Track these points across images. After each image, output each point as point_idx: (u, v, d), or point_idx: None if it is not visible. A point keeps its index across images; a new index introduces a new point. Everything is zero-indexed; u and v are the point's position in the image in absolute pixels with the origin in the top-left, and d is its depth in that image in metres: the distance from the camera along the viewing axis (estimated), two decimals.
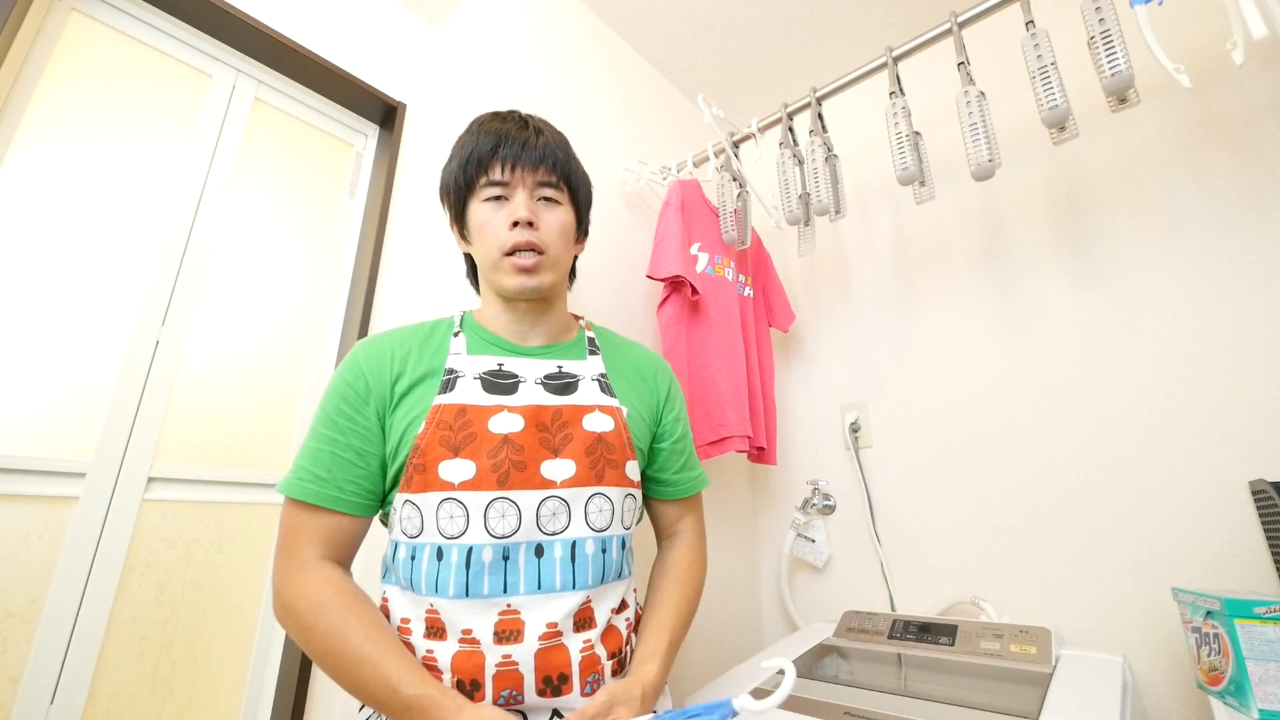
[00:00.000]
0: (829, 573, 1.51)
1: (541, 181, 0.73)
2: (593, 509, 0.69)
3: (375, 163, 1.49)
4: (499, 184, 0.72)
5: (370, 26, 1.49)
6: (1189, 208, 1.16)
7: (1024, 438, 1.27)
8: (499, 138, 0.72)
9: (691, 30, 1.65)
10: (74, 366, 1.01)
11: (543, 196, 0.74)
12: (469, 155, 0.73)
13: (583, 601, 0.66)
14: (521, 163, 0.72)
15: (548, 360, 0.76)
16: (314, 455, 0.66)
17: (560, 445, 0.69)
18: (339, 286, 1.40)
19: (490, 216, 0.72)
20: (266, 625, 1.15)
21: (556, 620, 0.63)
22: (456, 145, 0.78)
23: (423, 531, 0.65)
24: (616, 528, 0.71)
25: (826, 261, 1.72)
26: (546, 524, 0.66)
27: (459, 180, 0.75)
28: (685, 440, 0.85)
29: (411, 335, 0.75)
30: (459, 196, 0.76)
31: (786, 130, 1.38)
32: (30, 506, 0.94)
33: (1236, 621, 0.73)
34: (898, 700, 0.83)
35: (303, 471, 0.65)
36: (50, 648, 0.91)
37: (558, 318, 0.80)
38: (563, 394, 0.73)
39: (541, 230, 0.72)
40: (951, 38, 1.14)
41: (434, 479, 0.64)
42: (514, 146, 0.72)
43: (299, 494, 0.64)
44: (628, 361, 0.83)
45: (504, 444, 0.66)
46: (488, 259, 0.74)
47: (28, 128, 1.02)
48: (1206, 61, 1.14)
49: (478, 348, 0.75)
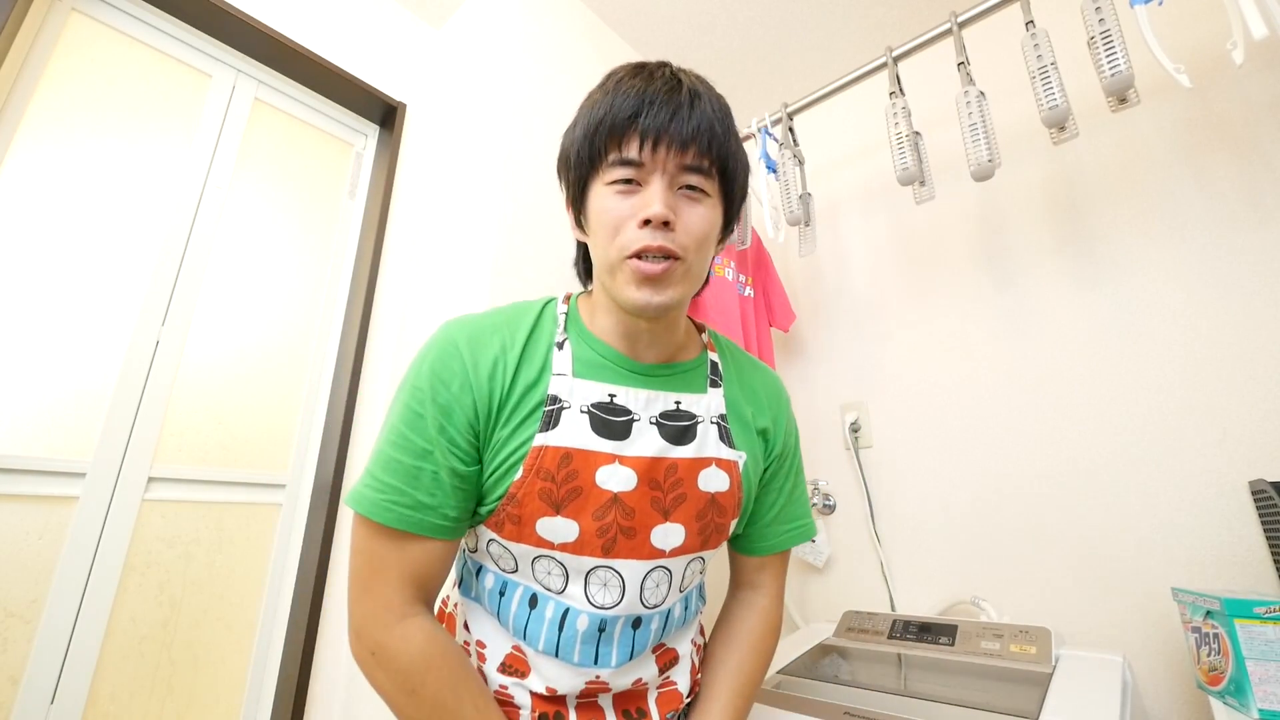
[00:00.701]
0: (829, 573, 1.51)
1: (689, 166, 0.55)
2: (689, 573, 0.63)
3: (375, 163, 1.49)
4: (632, 164, 0.55)
5: (370, 26, 1.49)
6: (1189, 208, 1.16)
7: (1024, 438, 1.27)
8: (641, 101, 0.55)
9: (691, 30, 1.65)
10: (74, 366, 1.01)
11: (686, 185, 0.56)
12: (599, 121, 0.56)
13: (665, 649, 0.64)
14: (666, 138, 0.54)
15: (665, 392, 0.62)
16: (397, 469, 0.54)
17: (671, 507, 0.59)
18: (339, 287, 1.40)
19: (615, 206, 0.56)
20: (266, 625, 1.15)
21: (643, 678, 0.62)
22: (584, 105, 0.60)
23: (517, 571, 0.59)
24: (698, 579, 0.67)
25: (826, 261, 1.72)
26: (649, 597, 0.59)
27: (582, 153, 0.58)
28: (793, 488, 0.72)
29: (515, 332, 0.61)
30: (580, 173, 0.59)
31: (787, 130, 1.38)
32: (30, 506, 0.94)
33: (1236, 621, 0.73)
34: (898, 700, 0.83)
35: (385, 488, 0.54)
36: (50, 648, 0.92)
37: (680, 330, 0.66)
38: (680, 442, 0.60)
39: (679, 232, 0.55)
40: (951, 38, 1.14)
41: (530, 533, 0.56)
42: (660, 115, 0.54)
43: (385, 517, 0.53)
44: (749, 392, 0.69)
45: (613, 504, 0.56)
46: (605, 260, 0.57)
47: (28, 128, 1.02)
48: (1206, 61, 1.14)
49: (586, 366, 0.61)
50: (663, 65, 0.59)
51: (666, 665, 0.64)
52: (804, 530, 0.72)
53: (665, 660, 0.64)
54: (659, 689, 0.63)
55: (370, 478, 0.55)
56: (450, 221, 1.31)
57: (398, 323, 1.36)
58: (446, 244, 1.30)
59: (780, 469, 0.70)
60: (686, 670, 0.66)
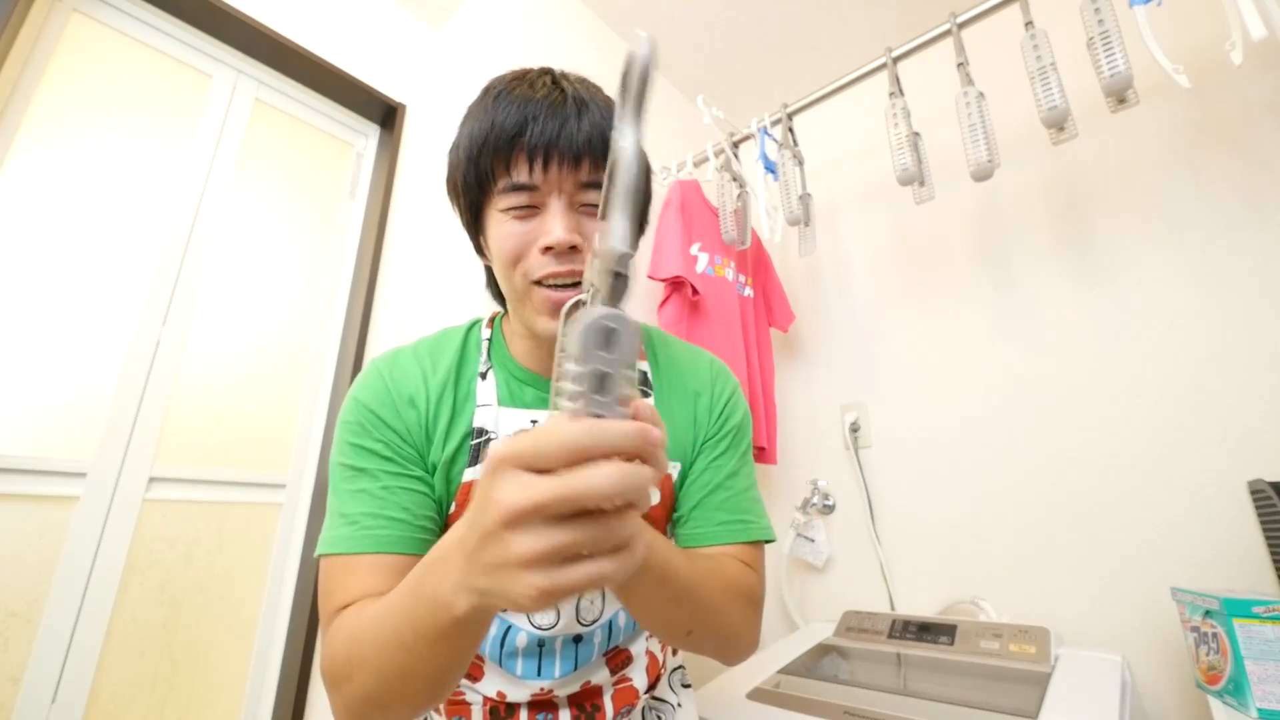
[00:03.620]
0: (829, 573, 1.51)
1: (586, 182, 0.51)
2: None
3: (375, 163, 1.50)
4: (525, 188, 0.51)
5: (370, 26, 1.49)
6: (1189, 208, 1.16)
7: (1024, 437, 1.27)
8: (523, 116, 0.50)
9: (691, 30, 1.65)
10: (74, 366, 1.01)
11: (588, 203, 0.52)
12: (482, 141, 0.51)
13: (617, 651, 0.62)
14: (557, 154, 0.50)
15: None
16: (362, 499, 0.51)
17: None
18: (339, 287, 1.40)
19: (514, 232, 0.52)
20: (266, 625, 1.15)
21: (592, 680, 0.60)
22: (464, 122, 0.55)
23: None
24: None
25: (826, 261, 1.72)
26: (585, 614, 0.58)
27: (469, 177, 0.53)
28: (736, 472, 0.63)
29: (438, 361, 0.59)
30: (471, 199, 0.55)
31: (786, 131, 1.38)
32: (31, 506, 0.94)
33: (1235, 621, 0.73)
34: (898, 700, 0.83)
35: (355, 518, 0.51)
36: (51, 647, 0.92)
37: None
38: None
39: (585, 254, 0.51)
40: (951, 38, 1.15)
41: None
42: (546, 128, 0.49)
43: (364, 545, 0.49)
44: (682, 383, 0.64)
45: None
46: (512, 288, 0.54)
47: (29, 128, 1.03)
48: (1206, 61, 1.14)
49: (510, 394, 0.59)
50: (545, 72, 0.55)
51: (620, 666, 0.63)
52: (752, 527, 0.60)
53: (618, 662, 0.63)
54: (614, 686, 0.63)
55: (336, 518, 0.52)
56: (450, 222, 1.31)
57: (398, 323, 1.36)
58: (446, 244, 1.30)
59: (719, 441, 0.63)
60: (643, 668, 0.65)
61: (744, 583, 0.57)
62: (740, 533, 0.60)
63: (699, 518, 0.60)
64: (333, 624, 0.47)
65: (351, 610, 0.47)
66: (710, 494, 0.61)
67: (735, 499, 0.61)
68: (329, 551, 0.50)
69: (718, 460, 0.62)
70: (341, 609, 0.48)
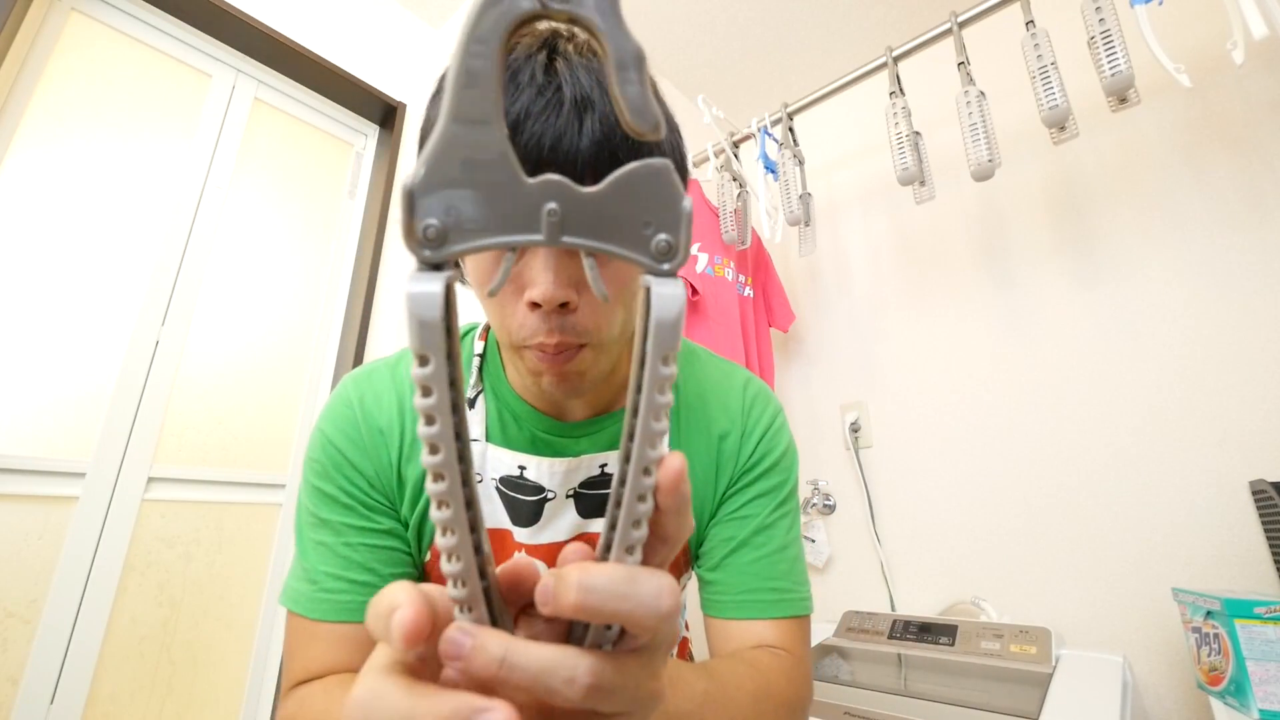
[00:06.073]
0: (829, 573, 1.51)
1: None
2: None
3: (375, 163, 1.49)
4: None
5: (370, 26, 1.49)
6: (1189, 208, 1.16)
7: (1024, 437, 1.27)
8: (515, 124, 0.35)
9: (691, 30, 1.65)
10: (74, 366, 1.01)
11: None
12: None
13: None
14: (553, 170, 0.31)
15: (592, 454, 0.49)
16: (323, 553, 0.47)
17: None
18: (338, 287, 1.39)
19: (493, 270, 0.39)
20: (266, 625, 1.15)
21: None
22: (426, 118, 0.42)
23: None
24: None
25: (826, 261, 1.72)
26: None
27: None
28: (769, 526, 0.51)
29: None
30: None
31: (787, 130, 1.38)
32: (30, 506, 0.94)
33: (1237, 621, 0.73)
34: (898, 700, 0.83)
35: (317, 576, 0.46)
36: (50, 648, 0.91)
37: (619, 373, 0.49)
38: (600, 513, 0.48)
39: (582, 313, 0.39)
40: (951, 38, 1.14)
41: None
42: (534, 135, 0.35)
43: (321, 611, 0.45)
44: (702, 426, 0.52)
45: None
46: (498, 335, 0.44)
47: (27, 128, 1.02)
48: (1206, 61, 1.14)
49: (500, 430, 0.50)
50: (540, 48, 0.37)
51: None
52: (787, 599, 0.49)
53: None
54: None
55: (298, 566, 0.48)
56: None
57: (398, 323, 1.36)
58: None
59: (748, 486, 0.52)
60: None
61: (776, 687, 0.44)
62: (770, 607, 0.49)
63: (721, 582, 0.50)
64: (287, 701, 0.45)
65: (297, 698, 0.44)
66: (733, 553, 0.50)
67: (765, 562, 0.50)
68: (289, 607, 0.47)
69: (743, 510, 0.51)
70: (298, 684, 0.45)
